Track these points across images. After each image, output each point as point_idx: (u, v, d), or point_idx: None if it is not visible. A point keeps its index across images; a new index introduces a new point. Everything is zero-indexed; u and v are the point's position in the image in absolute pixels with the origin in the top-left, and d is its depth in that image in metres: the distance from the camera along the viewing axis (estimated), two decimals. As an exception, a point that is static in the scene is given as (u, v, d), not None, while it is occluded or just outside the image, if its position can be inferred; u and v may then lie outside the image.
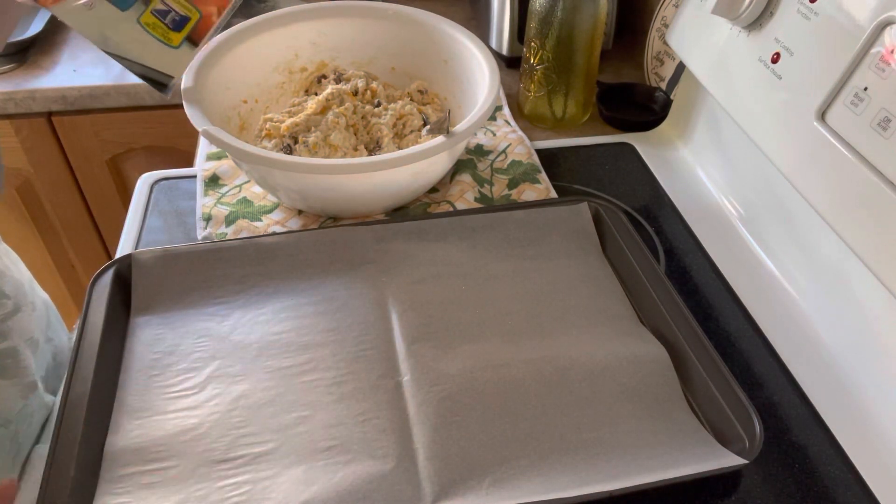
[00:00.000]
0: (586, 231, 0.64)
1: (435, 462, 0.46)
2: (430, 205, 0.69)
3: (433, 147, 0.60)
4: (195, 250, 0.60)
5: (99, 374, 0.51)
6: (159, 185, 0.74)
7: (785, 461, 0.50)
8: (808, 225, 0.59)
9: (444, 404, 0.49)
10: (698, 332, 0.53)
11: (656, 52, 0.90)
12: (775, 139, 0.56)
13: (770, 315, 0.60)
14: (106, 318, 0.55)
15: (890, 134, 0.45)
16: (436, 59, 0.76)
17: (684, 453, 0.47)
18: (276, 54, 0.77)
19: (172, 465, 0.47)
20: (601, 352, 0.53)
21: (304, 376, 0.52)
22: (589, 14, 0.76)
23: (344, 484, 0.45)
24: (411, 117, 0.71)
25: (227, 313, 0.56)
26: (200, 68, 0.67)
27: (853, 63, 0.49)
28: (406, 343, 0.54)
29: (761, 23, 0.58)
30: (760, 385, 0.55)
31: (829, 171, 0.50)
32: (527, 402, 0.50)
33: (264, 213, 0.68)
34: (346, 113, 0.69)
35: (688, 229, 0.70)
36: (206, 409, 0.50)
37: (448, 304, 0.57)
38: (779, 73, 0.56)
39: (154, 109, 1.07)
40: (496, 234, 0.63)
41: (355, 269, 0.60)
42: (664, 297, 0.57)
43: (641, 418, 0.50)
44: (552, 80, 0.81)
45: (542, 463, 0.47)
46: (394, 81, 0.79)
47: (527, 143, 0.77)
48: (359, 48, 0.79)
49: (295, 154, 0.67)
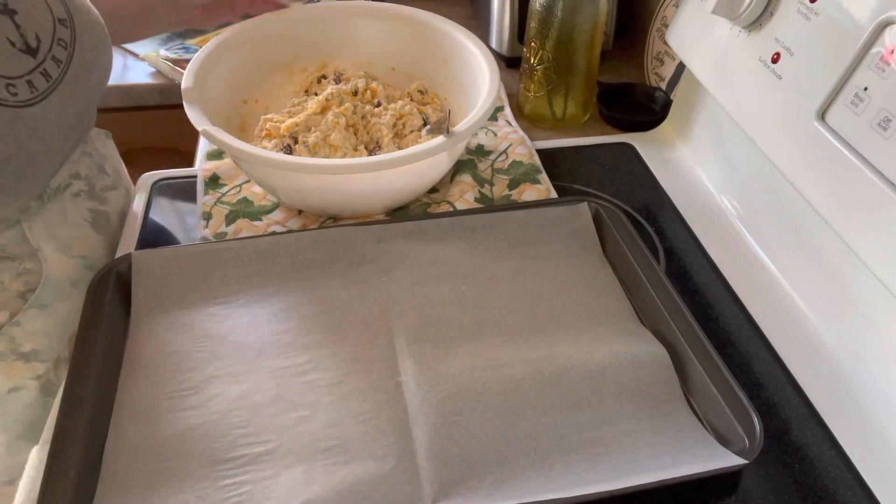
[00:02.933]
0: (586, 231, 0.64)
1: (435, 462, 0.46)
2: (430, 205, 0.69)
3: (433, 147, 0.60)
4: (195, 250, 0.60)
5: (99, 375, 0.51)
6: (159, 185, 0.74)
7: (785, 461, 0.50)
8: (808, 225, 0.59)
9: (444, 404, 0.49)
10: (698, 332, 0.53)
11: (656, 52, 0.90)
12: (775, 139, 0.56)
13: (770, 315, 0.60)
14: (106, 318, 0.55)
15: (890, 134, 0.45)
16: (436, 60, 0.76)
17: (684, 453, 0.47)
18: (276, 54, 0.77)
19: (172, 465, 0.47)
20: (601, 352, 0.53)
21: (304, 376, 0.52)
22: (589, 14, 0.76)
23: (344, 484, 0.45)
24: (411, 117, 0.71)
25: (227, 313, 0.56)
26: (200, 68, 0.67)
27: (853, 63, 0.49)
28: (406, 343, 0.54)
29: (761, 23, 0.58)
30: (760, 385, 0.55)
31: (829, 171, 0.50)
32: (527, 402, 0.50)
33: (264, 213, 0.68)
34: (346, 113, 0.69)
35: (688, 229, 0.70)
36: (206, 409, 0.50)
37: (448, 304, 0.57)
38: (779, 73, 0.56)
39: (154, 109, 1.07)
40: (496, 235, 0.63)
41: (355, 269, 0.60)
42: (664, 297, 0.57)
43: (641, 418, 0.50)
44: (552, 80, 0.81)
45: (542, 463, 0.47)
46: (394, 81, 0.79)
47: (528, 144, 0.77)
48: (359, 47, 0.79)
49: (295, 154, 0.67)
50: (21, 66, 0.54)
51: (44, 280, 0.61)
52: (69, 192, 0.64)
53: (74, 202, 0.65)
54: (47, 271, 0.61)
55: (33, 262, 0.60)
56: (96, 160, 0.69)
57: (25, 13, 0.55)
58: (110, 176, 0.72)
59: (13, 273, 0.59)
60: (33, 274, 0.61)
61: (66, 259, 0.63)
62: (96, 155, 0.70)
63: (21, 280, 0.60)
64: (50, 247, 0.61)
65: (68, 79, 0.59)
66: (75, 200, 0.65)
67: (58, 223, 0.62)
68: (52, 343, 0.63)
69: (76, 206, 0.65)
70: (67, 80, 0.59)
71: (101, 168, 0.70)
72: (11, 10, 0.54)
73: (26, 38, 0.55)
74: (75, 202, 0.65)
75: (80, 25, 0.60)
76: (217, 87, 0.69)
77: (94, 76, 0.63)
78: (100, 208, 0.68)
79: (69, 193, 0.64)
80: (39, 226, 0.61)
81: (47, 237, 0.61)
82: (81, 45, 0.60)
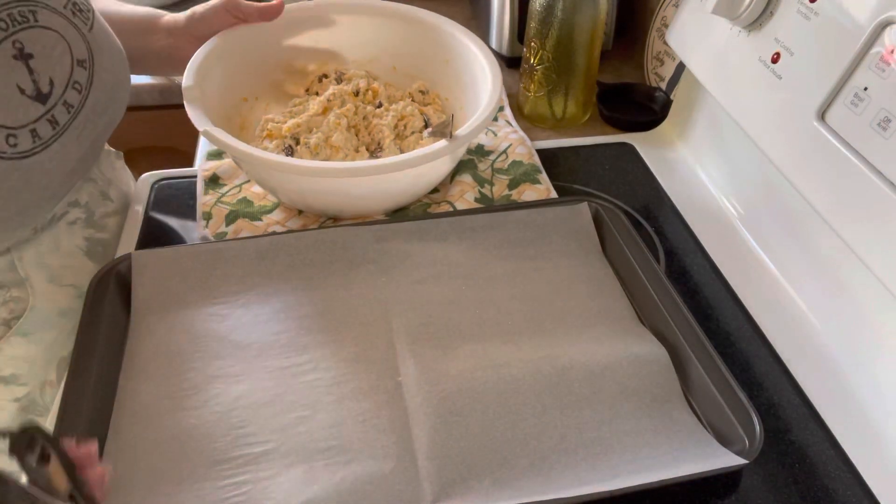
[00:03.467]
0: (586, 231, 0.64)
1: (435, 462, 0.46)
2: (430, 205, 0.69)
3: (435, 151, 0.60)
4: (195, 250, 0.60)
5: (99, 375, 0.51)
6: (159, 185, 0.74)
7: (785, 461, 0.50)
8: (808, 225, 0.59)
9: (444, 404, 0.49)
10: (698, 332, 0.53)
11: (656, 52, 0.90)
12: (775, 139, 0.56)
13: (770, 315, 0.60)
14: (106, 318, 0.55)
15: (890, 134, 0.45)
16: (438, 60, 0.76)
17: (684, 453, 0.47)
18: (277, 52, 0.76)
19: (172, 465, 0.47)
20: (601, 352, 0.53)
21: (304, 376, 0.52)
22: (589, 14, 0.76)
23: (344, 484, 0.45)
24: (413, 118, 0.71)
25: (227, 313, 0.56)
26: (201, 67, 0.67)
27: (853, 63, 0.49)
28: (406, 343, 0.54)
29: (761, 23, 0.58)
30: (760, 385, 0.55)
31: (829, 171, 0.50)
32: (527, 402, 0.50)
33: (264, 213, 0.68)
34: (348, 114, 0.69)
35: (688, 229, 0.70)
36: (206, 408, 0.50)
37: (448, 304, 0.57)
38: (779, 73, 0.56)
39: (154, 109, 1.07)
40: (496, 235, 0.63)
41: (355, 269, 0.60)
42: (664, 297, 0.57)
43: (641, 418, 0.50)
44: (552, 80, 0.81)
45: (542, 463, 0.47)
46: (395, 81, 0.79)
47: (528, 144, 0.77)
48: (360, 46, 0.78)
49: (296, 155, 0.67)
50: (27, 114, 0.51)
51: (29, 309, 0.59)
52: (65, 220, 0.62)
53: (70, 230, 0.62)
54: (34, 301, 0.59)
55: (20, 290, 0.59)
56: (100, 186, 0.67)
57: (43, 56, 0.51)
58: (114, 202, 0.69)
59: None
60: (20, 302, 0.59)
61: (56, 288, 0.61)
62: (101, 181, 0.67)
63: (6, 307, 0.59)
64: (40, 276, 0.59)
65: (76, 124, 0.55)
66: (71, 229, 0.63)
67: (50, 252, 0.60)
68: (33, 369, 0.61)
69: (71, 234, 0.63)
70: (75, 126, 0.55)
71: (105, 194, 0.68)
72: (28, 54, 0.50)
73: (38, 84, 0.51)
74: (71, 230, 0.63)
75: (99, 65, 0.57)
76: (217, 86, 0.69)
77: (106, 118, 0.60)
78: (96, 236, 0.66)
79: (65, 222, 0.62)
80: (30, 255, 0.59)
81: (38, 266, 0.59)
82: (98, 86, 0.57)
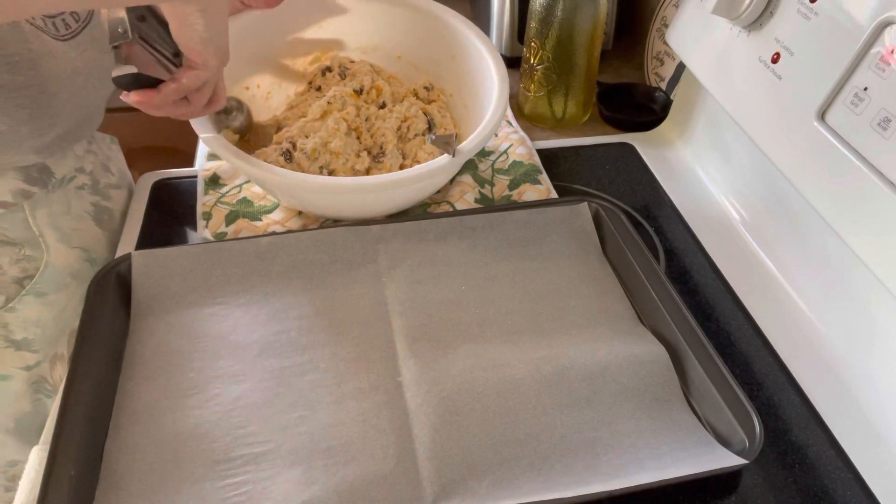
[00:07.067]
0: (586, 231, 0.64)
1: (435, 462, 0.46)
2: (430, 205, 0.69)
3: (438, 168, 0.60)
4: (195, 250, 0.60)
5: (99, 375, 0.51)
6: (159, 185, 0.74)
7: (785, 461, 0.50)
8: (808, 225, 0.59)
9: (444, 404, 0.49)
10: (698, 332, 0.53)
11: (656, 52, 0.90)
12: (775, 139, 0.56)
13: (770, 315, 0.60)
14: (106, 318, 0.55)
15: (890, 134, 0.45)
16: (443, 54, 0.75)
17: (684, 453, 0.47)
18: (280, 38, 0.76)
19: (172, 465, 0.47)
20: (601, 352, 0.53)
21: (304, 376, 0.52)
22: (589, 14, 0.76)
23: (344, 484, 0.45)
24: (416, 120, 0.71)
25: (227, 313, 0.56)
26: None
27: (853, 63, 0.49)
28: (406, 343, 0.54)
29: (761, 23, 0.58)
30: (760, 385, 0.55)
31: (829, 171, 0.50)
32: (526, 402, 0.50)
33: (264, 213, 0.68)
34: (348, 118, 0.68)
35: (688, 229, 0.70)
36: (206, 408, 0.50)
37: (448, 304, 0.57)
38: (779, 73, 0.56)
39: (154, 109, 1.07)
40: (496, 235, 0.63)
41: (355, 269, 0.60)
42: (664, 297, 0.57)
43: (641, 418, 0.50)
44: (552, 80, 0.81)
45: (541, 463, 0.47)
46: (400, 71, 0.78)
47: (528, 144, 0.77)
48: (366, 34, 0.77)
49: (295, 159, 0.66)
50: None
51: (44, 267, 0.61)
52: (73, 184, 0.64)
53: (78, 194, 0.65)
54: (48, 259, 0.61)
55: (33, 249, 0.61)
56: (101, 159, 0.70)
57: None
58: (115, 175, 0.72)
59: (12, 258, 0.60)
60: (32, 261, 0.61)
61: (67, 249, 0.63)
62: (101, 155, 0.71)
63: (19, 266, 0.60)
64: (52, 235, 0.62)
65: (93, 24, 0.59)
66: (79, 193, 0.65)
67: (60, 213, 0.63)
68: (45, 334, 0.63)
69: (79, 198, 0.65)
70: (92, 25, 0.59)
71: (106, 167, 0.71)
72: None
73: None
74: (79, 195, 0.65)
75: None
76: (220, 74, 0.69)
77: None
78: (102, 204, 0.68)
79: (73, 185, 0.64)
80: (42, 214, 0.61)
81: (50, 226, 0.61)
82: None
